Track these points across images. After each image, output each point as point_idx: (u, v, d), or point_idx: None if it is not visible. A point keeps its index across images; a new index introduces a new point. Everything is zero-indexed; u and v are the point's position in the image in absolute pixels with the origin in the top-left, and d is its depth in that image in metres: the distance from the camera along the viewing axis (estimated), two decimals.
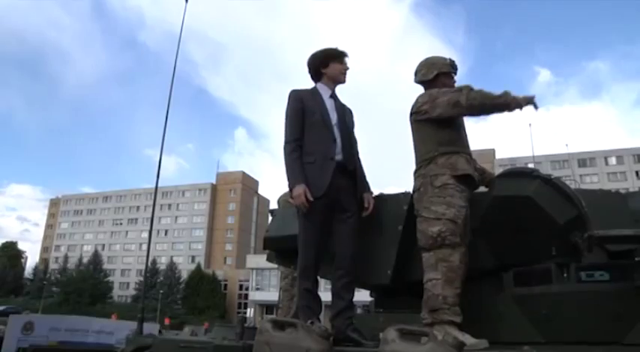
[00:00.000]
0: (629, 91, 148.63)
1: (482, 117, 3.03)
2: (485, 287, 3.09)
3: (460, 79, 3.26)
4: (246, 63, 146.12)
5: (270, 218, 3.99)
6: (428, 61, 3.30)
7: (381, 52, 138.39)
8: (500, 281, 3.07)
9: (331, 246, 3.07)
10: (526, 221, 2.81)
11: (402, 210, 3.22)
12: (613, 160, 74.46)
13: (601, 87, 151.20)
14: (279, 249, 3.75)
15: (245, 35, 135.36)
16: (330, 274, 3.11)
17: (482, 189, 3.21)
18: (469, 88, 2.93)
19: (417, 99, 3.15)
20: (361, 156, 3.33)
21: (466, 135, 3.18)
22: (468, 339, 2.58)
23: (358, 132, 3.37)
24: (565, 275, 2.83)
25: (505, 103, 2.80)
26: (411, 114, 3.17)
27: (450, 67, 3.24)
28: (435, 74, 3.21)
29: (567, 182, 2.93)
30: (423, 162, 3.04)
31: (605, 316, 2.56)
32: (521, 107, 2.77)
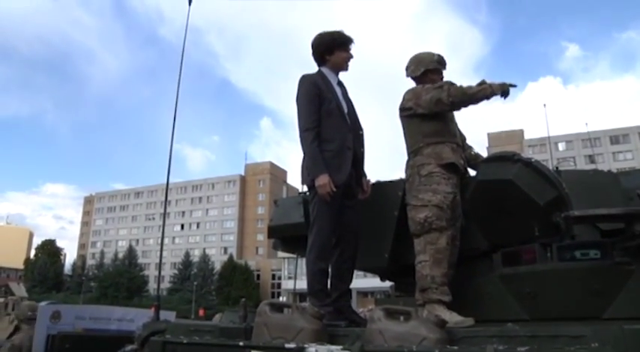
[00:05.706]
0: None
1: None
2: (478, 268, 3.22)
3: (485, 58, 3.40)
4: (268, 52, 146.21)
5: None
6: (417, 57, 3.40)
7: (404, 33, 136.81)
8: (491, 262, 3.19)
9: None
10: (509, 203, 2.92)
11: (397, 196, 3.37)
12: None
13: (635, 59, 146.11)
14: (282, 236, 3.92)
15: (264, 23, 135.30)
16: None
17: None
18: (449, 85, 3.06)
19: (404, 96, 3.27)
20: (378, 139, 3.45)
21: (454, 125, 3.31)
22: (454, 317, 2.71)
23: (380, 112, 3.46)
24: (549, 254, 2.93)
25: (483, 95, 2.94)
26: (399, 110, 3.30)
27: (437, 63, 3.34)
28: (422, 71, 3.32)
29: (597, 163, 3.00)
30: (411, 153, 3.20)
31: (586, 293, 2.66)
32: (497, 94, 2.90)
